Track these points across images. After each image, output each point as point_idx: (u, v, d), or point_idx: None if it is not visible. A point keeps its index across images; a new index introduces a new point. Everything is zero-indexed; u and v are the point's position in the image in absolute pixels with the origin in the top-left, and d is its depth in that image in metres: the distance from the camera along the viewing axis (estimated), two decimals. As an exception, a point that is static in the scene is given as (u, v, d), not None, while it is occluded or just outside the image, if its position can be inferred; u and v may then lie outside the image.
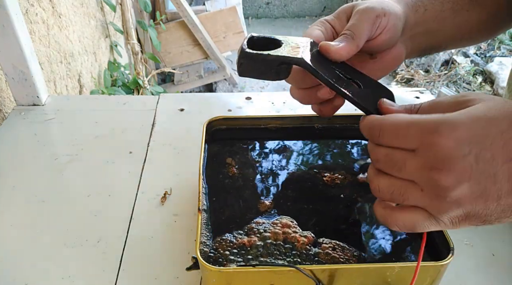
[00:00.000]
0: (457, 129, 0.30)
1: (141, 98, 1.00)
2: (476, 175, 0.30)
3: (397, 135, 0.33)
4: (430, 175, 0.31)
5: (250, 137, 0.62)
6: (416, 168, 0.32)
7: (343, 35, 0.44)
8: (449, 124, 0.30)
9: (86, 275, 0.51)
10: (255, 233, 0.47)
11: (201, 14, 2.61)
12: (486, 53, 3.24)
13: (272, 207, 0.51)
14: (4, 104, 0.85)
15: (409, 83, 3.08)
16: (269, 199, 0.52)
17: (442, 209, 0.32)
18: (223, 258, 0.44)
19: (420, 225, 0.34)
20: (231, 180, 0.54)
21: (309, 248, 0.45)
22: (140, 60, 2.19)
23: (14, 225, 0.57)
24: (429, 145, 0.30)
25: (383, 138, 0.34)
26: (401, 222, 0.34)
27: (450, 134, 0.30)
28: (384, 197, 0.35)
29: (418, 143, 0.31)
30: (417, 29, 0.49)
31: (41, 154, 0.69)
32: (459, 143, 0.30)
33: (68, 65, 1.32)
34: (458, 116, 0.31)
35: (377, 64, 0.49)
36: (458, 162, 0.30)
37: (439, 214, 0.32)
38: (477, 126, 0.30)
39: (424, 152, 0.31)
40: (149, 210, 0.59)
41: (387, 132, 0.34)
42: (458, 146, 0.30)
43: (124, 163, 0.67)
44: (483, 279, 0.51)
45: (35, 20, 1.08)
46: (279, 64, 0.42)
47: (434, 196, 0.31)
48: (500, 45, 3.25)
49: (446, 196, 0.31)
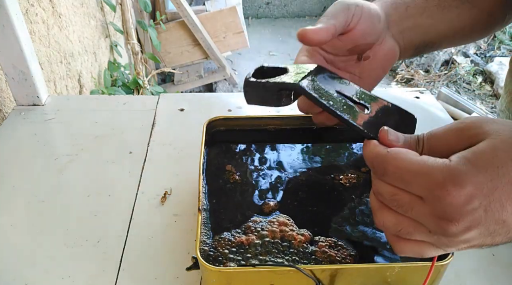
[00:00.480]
0: (465, 185, 0.29)
1: (141, 98, 1.00)
2: (485, 223, 0.30)
3: (402, 180, 0.32)
4: (440, 224, 0.31)
5: (250, 138, 0.62)
6: (424, 214, 0.31)
7: (318, 21, 0.45)
8: (457, 180, 0.29)
9: (86, 275, 0.51)
10: (253, 232, 0.47)
11: (201, 14, 2.61)
12: (486, 53, 3.24)
13: (276, 208, 0.51)
14: (4, 104, 0.85)
15: (409, 83, 3.08)
16: (273, 201, 0.52)
17: (449, 246, 0.32)
18: (222, 257, 0.44)
19: (429, 254, 0.34)
20: (233, 185, 0.54)
21: (306, 246, 0.45)
22: (140, 60, 2.19)
23: (14, 225, 0.57)
24: (437, 198, 0.30)
25: (387, 177, 0.33)
26: (409, 252, 0.34)
27: (459, 191, 0.29)
28: (390, 232, 0.34)
29: (426, 193, 0.31)
30: (405, 24, 0.50)
31: (41, 154, 0.69)
32: (468, 199, 0.29)
33: (68, 65, 1.32)
34: (465, 168, 0.30)
35: (373, 63, 0.49)
36: (467, 215, 0.30)
37: (446, 248, 0.33)
38: (485, 179, 0.29)
39: (433, 203, 0.30)
40: (149, 210, 0.59)
41: (391, 173, 0.33)
42: (467, 202, 0.29)
43: (124, 163, 0.67)
44: (483, 279, 0.51)
45: (35, 20, 1.08)
46: (279, 90, 0.43)
47: (442, 238, 0.32)
48: (500, 45, 3.25)
49: (454, 239, 0.31)
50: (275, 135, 0.62)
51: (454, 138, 0.33)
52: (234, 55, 3.06)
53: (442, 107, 0.82)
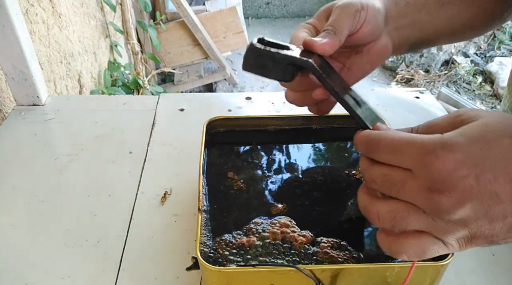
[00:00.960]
0: (455, 151, 0.29)
1: (141, 98, 1.00)
2: (478, 196, 0.29)
3: (395, 151, 0.32)
4: (431, 197, 0.30)
5: (250, 138, 0.62)
6: (416, 189, 0.30)
7: (325, 31, 0.45)
8: (447, 146, 0.29)
9: (86, 275, 0.51)
10: (254, 233, 0.47)
11: (201, 14, 2.61)
12: (486, 53, 3.24)
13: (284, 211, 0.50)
14: (4, 104, 0.85)
15: (409, 83, 3.08)
16: (279, 203, 0.52)
17: (447, 231, 0.31)
18: (222, 258, 0.44)
19: (430, 250, 0.33)
20: (237, 192, 0.54)
21: (307, 247, 0.45)
22: (140, 60, 2.19)
23: (14, 225, 0.57)
24: (426, 166, 0.30)
25: (380, 153, 0.33)
26: (409, 250, 0.33)
27: (447, 155, 0.29)
28: (385, 224, 0.33)
29: (415, 163, 0.30)
30: (402, 21, 0.50)
31: (41, 154, 0.69)
32: (457, 165, 0.29)
33: (68, 65, 1.32)
34: (455, 138, 0.30)
35: (364, 57, 0.49)
36: (458, 183, 0.29)
37: (445, 236, 0.31)
38: (476, 149, 0.29)
39: (422, 173, 0.30)
40: (149, 210, 0.59)
41: (385, 147, 0.32)
42: (457, 168, 0.29)
43: (124, 163, 0.67)
44: (483, 279, 0.51)
45: (35, 20, 1.08)
46: (287, 64, 0.42)
47: (437, 218, 0.31)
48: (500, 45, 3.25)
49: (449, 217, 0.30)
50: (275, 135, 0.62)
51: (448, 124, 0.32)
52: (234, 55, 3.06)
53: (442, 107, 0.82)
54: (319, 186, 0.54)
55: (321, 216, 0.50)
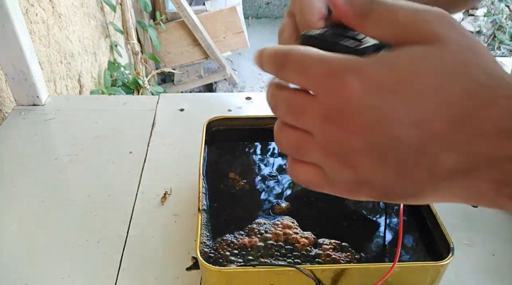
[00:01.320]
0: (365, 79, 0.24)
1: (141, 98, 1.00)
2: (373, 132, 0.25)
3: (301, 68, 0.27)
4: (323, 127, 0.26)
5: (250, 138, 0.62)
6: (313, 116, 0.27)
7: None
8: (360, 72, 0.25)
9: (86, 275, 0.51)
10: (256, 234, 0.47)
11: (201, 14, 2.61)
12: (486, 53, 3.23)
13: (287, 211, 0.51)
14: (4, 104, 0.85)
15: (409, 83, 3.08)
16: (283, 202, 0.52)
17: (334, 170, 0.27)
18: (223, 259, 0.44)
19: (314, 183, 0.29)
20: (238, 192, 0.54)
21: (309, 249, 0.45)
22: (140, 60, 2.19)
23: (14, 225, 0.57)
24: (329, 88, 0.25)
25: (284, 70, 0.28)
26: (297, 176, 0.30)
27: (355, 83, 0.24)
28: (286, 151, 0.30)
29: (318, 85, 0.26)
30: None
31: (41, 154, 0.69)
32: (362, 95, 0.24)
33: (68, 65, 1.32)
34: (376, 66, 0.25)
35: None
36: (355, 117, 0.25)
37: (332, 174, 0.28)
38: (391, 80, 0.24)
39: (323, 98, 0.26)
40: (149, 210, 0.59)
41: (291, 62, 0.28)
42: (360, 98, 0.24)
43: (124, 163, 0.67)
44: (483, 279, 0.51)
45: (35, 20, 1.08)
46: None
47: (326, 153, 0.27)
48: (500, 45, 3.25)
49: (337, 152, 0.26)
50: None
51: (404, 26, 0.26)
52: (234, 55, 3.06)
53: (442, 107, 0.81)
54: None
55: (322, 216, 0.50)
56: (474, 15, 3.27)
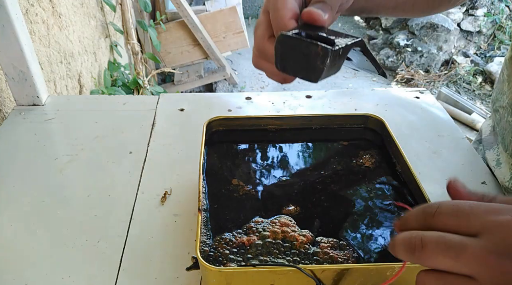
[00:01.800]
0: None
1: (141, 98, 1.00)
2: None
3: (458, 211, 0.28)
4: (499, 262, 0.26)
5: (250, 138, 0.62)
6: (478, 254, 0.26)
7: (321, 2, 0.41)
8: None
9: (86, 275, 0.51)
10: (254, 232, 0.47)
11: (201, 14, 2.61)
12: (486, 53, 3.24)
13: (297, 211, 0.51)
14: (4, 104, 0.85)
15: (409, 83, 3.09)
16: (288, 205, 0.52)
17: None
18: (223, 257, 0.44)
19: None
20: (239, 192, 0.54)
21: (308, 247, 0.45)
22: (140, 60, 2.19)
23: (14, 225, 0.57)
24: (494, 226, 0.26)
25: (439, 215, 0.29)
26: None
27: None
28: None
29: (481, 225, 0.27)
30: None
31: (41, 154, 0.69)
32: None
33: (68, 65, 1.32)
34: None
35: None
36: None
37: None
38: None
39: (489, 234, 0.26)
40: (149, 210, 0.59)
41: (446, 207, 0.29)
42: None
43: (124, 163, 0.67)
44: (483, 279, 0.51)
45: (35, 20, 1.08)
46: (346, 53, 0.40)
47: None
48: (500, 45, 3.25)
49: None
50: (275, 135, 0.62)
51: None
52: (234, 55, 3.06)
53: (442, 107, 0.82)
54: (321, 185, 0.54)
55: (323, 216, 0.50)
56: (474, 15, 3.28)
